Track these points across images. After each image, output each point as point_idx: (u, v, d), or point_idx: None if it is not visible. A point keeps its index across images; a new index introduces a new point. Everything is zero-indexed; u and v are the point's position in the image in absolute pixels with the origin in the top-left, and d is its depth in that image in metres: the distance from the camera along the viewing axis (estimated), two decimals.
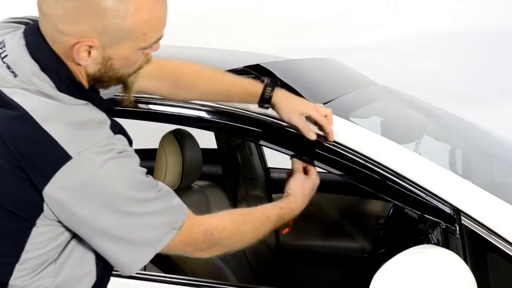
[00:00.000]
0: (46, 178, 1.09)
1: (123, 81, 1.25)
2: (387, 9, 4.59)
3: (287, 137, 1.62)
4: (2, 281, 1.17)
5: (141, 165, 1.19)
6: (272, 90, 1.56)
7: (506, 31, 4.48)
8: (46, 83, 1.14)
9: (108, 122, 1.17)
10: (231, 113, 1.66)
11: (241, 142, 2.86)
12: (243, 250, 2.36)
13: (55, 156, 1.09)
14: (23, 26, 1.23)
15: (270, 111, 1.62)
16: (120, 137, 1.17)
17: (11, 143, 1.11)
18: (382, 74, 3.19)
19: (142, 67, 1.25)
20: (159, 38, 1.20)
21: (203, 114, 1.68)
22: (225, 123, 1.67)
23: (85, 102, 1.18)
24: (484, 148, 2.45)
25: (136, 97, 1.37)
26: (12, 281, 1.16)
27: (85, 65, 1.16)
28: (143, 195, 1.16)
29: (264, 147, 2.90)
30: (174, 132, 2.17)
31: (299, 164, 1.61)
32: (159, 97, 1.66)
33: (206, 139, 2.68)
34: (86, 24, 1.11)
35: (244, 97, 1.60)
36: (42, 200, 1.11)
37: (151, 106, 1.70)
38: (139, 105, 1.69)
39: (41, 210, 1.12)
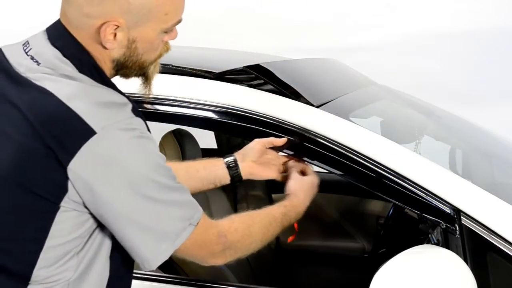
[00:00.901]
0: (71, 154, 1.11)
1: (144, 71, 1.28)
2: (387, 9, 4.58)
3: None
4: (26, 272, 1.17)
5: None
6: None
7: (506, 31, 4.47)
8: (68, 67, 1.18)
9: (130, 105, 1.20)
10: (231, 113, 1.66)
11: (241, 142, 2.85)
12: None
13: (79, 132, 1.11)
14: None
15: (269, 111, 1.62)
16: (141, 121, 1.20)
17: (36, 121, 1.12)
18: (382, 74, 3.19)
19: (162, 55, 1.29)
20: (179, 21, 1.24)
21: (203, 114, 1.68)
22: (225, 123, 1.67)
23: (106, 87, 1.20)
24: (484, 148, 2.44)
25: (135, 97, 1.37)
26: (35, 271, 1.17)
27: (110, 48, 1.20)
28: (165, 182, 1.18)
29: None
30: (174, 132, 2.17)
31: (293, 166, 1.64)
32: (159, 97, 1.66)
33: (206, 139, 2.68)
34: (112, 2, 1.15)
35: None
36: (66, 178, 1.12)
37: (151, 106, 1.70)
38: (139, 105, 1.69)
39: (65, 190, 1.13)
